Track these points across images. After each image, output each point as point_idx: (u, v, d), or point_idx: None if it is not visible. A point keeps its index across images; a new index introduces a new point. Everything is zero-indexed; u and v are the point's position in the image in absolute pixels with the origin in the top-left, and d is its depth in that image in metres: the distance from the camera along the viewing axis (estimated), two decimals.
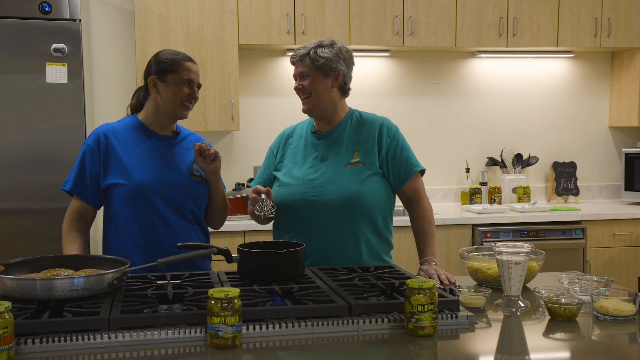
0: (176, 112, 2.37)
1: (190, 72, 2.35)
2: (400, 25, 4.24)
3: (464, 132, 4.79)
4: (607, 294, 1.92)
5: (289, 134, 2.58)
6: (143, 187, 2.30)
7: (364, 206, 2.38)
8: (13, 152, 3.54)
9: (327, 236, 2.37)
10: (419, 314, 1.66)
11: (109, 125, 2.39)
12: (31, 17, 3.53)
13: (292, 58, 2.46)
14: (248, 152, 4.52)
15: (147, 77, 2.38)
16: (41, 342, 1.55)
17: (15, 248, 3.47)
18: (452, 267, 4.02)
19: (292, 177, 2.45)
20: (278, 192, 2.44)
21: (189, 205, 2.38)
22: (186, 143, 2.46)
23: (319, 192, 2.38)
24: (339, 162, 2.42)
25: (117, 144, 2.34)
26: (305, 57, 2.42)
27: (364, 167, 2.41)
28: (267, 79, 4.52)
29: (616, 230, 4.25)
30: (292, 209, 2.41)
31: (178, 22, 4.01)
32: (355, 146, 2.44)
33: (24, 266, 1.95)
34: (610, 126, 4.98)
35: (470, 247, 2.52)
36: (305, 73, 2.42)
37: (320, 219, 2.37)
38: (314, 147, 2.48)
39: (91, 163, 2.33)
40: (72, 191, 2.36)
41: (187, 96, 2.35)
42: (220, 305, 1.56)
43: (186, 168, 2.40)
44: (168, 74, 2.33)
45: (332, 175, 2.40)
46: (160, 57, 2.37)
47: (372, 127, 2.47)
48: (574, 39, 4.47)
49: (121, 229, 2.33)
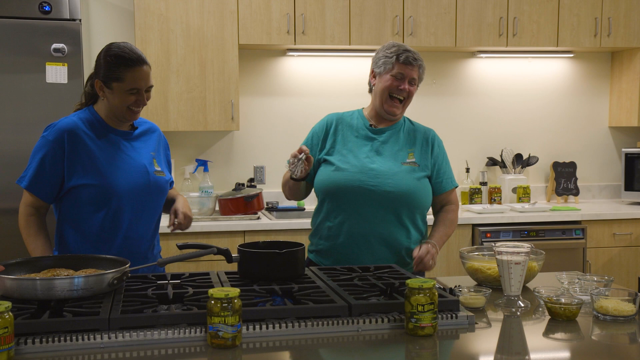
0: (124, 116, 2.33)
1: (137, 80, 2.25)
2: (400, 25, 4.24)
3: (464, 132, 4.79)
4: (607, 294, 1.92)
5: (338, 121, 2.60)
6: (112, 186, 2.27)
7: (417, 202, 2.49)
8: (13, 152, 3.54)
9: (380, 225, 2.45)
10: (419, 314, 1.66)
11: (72, 121, 2.31)
12: (31, 17, 3.53)
13: (410, 60, 2.49)
14: (248, 152, 4.52)
15: (95, 77, 2.30)
16: (41, 342, 1.55)
17: (15, 248, 3.46)
18: (452, 267, 4.02)
19: (349, 164, 2.48)
20: (334, 175, 2.48)
21: (153, 202, 2.38)
22: (144, 137, 2.44)
23: (377, 183, 2.44)
24: (396, 159, 2.51)
25: (81, 142, 2.28)
26: (421, 65, 2.52)
27: (419, 168, 2.52)
28: (267, 79, 4.52)
29: (616, 230, 4.25)
30: (348, 194, 2.45)
31: (178, 22, 4.01)
32: (410, 148, 2.55)
33: (24, 266, 1.95)
34: (610, 126, 4.98)
35: (470, 247, 2.52)
36: (415, 81, 2.52)
37: (375, 208, 2.44)
38: (368, 140, 2.54)
39: (52, 162, 2.27)
40: (28, 189, 2.32)
41: (134, 103, 2.28)
42: (220, 305, 1.56)
43: (148, 164, 2.38)
44: (113, 81, 2.25)
45: (391, 169, 2.48)
46: (107, 59, 2.26)
47: (426, 134, 2.61)
48: (574, 39, 4.46)
49: (82, 227, 2.30)
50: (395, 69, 2.49)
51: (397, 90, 2.49)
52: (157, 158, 2.45)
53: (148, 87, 2.31)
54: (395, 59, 2.49)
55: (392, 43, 2.56)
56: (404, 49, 2.51)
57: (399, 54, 2.49)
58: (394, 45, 2.54)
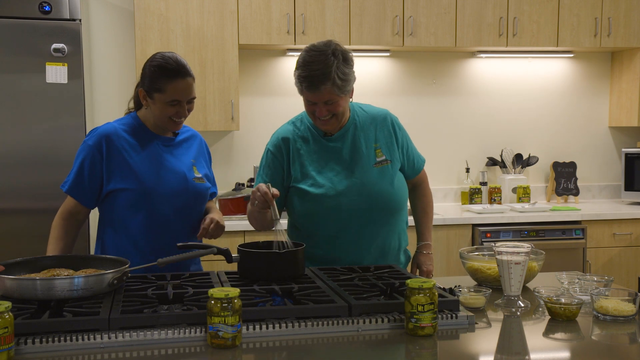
0: (165, 126, 2.35)
1: (178, 92, 2.25)
2: (400, 25, 4.24)
3: (464, 132, 4.79)
4: (607, 294, 1.92)
5: (292, 141, 2.37)
6: (150, 191, 2.29)
7: (397, 205, 2.38)
8: (13, 152, 3.54)
9: (374, 241, 2.36)
10: (419, 314, 1.66)
11: (111, 127, 2.35)
12: (31, 17, 3.53)
13: (310, 86, 2.17)
14: (248, 152, 4.52)
15: (139, 86, 2.34)
16: (41, 342, 1.55)
17: (15, 248, 3.47)
18: (452, 267, 4.02)
19: (320, 187, 2.31)
20: (310, 205, 2.31)
21: (192, 209, 2.39)
22: (185, 144, 2.46)
23: (357, 201, 2.30)
24: (365, 164, 2.34)
25: (120, 147, 2.31)
26: (330, 86, 2.17)
27: (391, 164, 2.38)
28: (267, 79, 4.52)
29: (616, 230, 4.25)
30: (330, 220, 2.31)
31: (178, 22, 4.01)
32: (375, 143, 2.38)
33: (24, 266, 1.95)
34: (610, 126, 4.98)
35: (470, 247, 2.52)
36: (331, 100, 2.20)
37: (365, 224, 2.32)
38: (330, 151, 2.35)
39: (91, 166, 2.30)
40: (69, 193, 2.35)
41: (174, 114, 2.30)
42: (220, 305, 1.56)
43: (188, 170, 2.40)
44: (154, 92, 2.27)
45: (364, 179, 2.32)
46: (151, 69, 2.27)
47: (384, 121, 2.41)
48: (574, 39, 4.46)
49: (121, 232, 2.33)
50: (304, 95, 2.24)
51: (316, 115, 2.26)
52: (197, 165, 2.44)
53: (190, 99, 2.30)
54: (299, 84, 2.22)
55: (301, 59, 2.20)
56: (304, 74, 2.17)
57: (301, 81, 2.20)
58: (300, 63, 2.21)
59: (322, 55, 2.18)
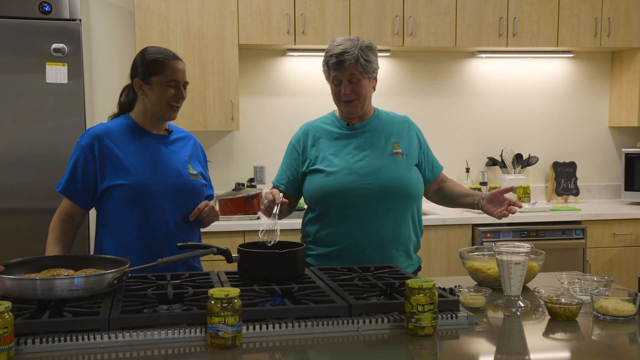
0: (164, 114, 2.37)
1: (175, 72, 2.33)
2: (400, 25, 4.24)
3: (464, 132, 4.79)
4: (607, 294, 1.92)
5: (314, 130, 2.55)
6: (145, 186, 2.30)
7: (413, 193, 2.48)
8: (13, 152, 3.54)
9: (384, 222, 2.42)
10: (419, 314, 1.66)
11: (104, 127, 2.37)
12: (31, 17, 3.53)
13: (337, 63, 2.40)
14: (248, 152, 4.52)
15: (133, 78, 2.37)
16: (41, 342, 1.55)
17: (15, 248, 3.47)
18: (452, 267, 4.02)
19: (336, 166, 2.44)
20: (325, 182, 2.43)
21: (187, 206, 2.39)
22: (179, 142, 2.47)
23: (371, 180, 2.41)
24: (382, 152, 2.47)
25: (112, 145, 2.32)
26: (354, 62, 2.39)
27: (407, 158, 2.50)
28: (267, 79, 4.52)
29: (616, 230, 4.25)
30: (343, 197, 2.41)
31: (178, 22, 4.01)
32: (394, 139, 2.51)
33: (24, 266, 1.95)
34: (610, 126, 4.98)
35: (470, 247, 2.52)
36: (354, 78, 2.42)
37: (377, 205, 2.41)
38: (349, 138, 2.50)
39: (84, 166, 2.31)
40: (63, 193, 2.36)
41: (173, 97, 2.33)
42: (220, 305, 1.56)
43: (182, 167, 2.41)
44: (152, 76, 2.31)
45: (379, 163, 2.44)
46: (145, 57, 2.34)
47: (405, 123, 2.59)
48: (574, 39, 4.46)
49: (117, 231, 2.33)
50: (331, 75, 2.45)
51: (341, 95, 2.45)
52: (192, 163, 2.46)
53: (185, 83, 2.37)
54: (327, 65, 2.45)
55: (330, 45, 2.46)
56: (332, 53, 2.41)
57: (328, 61, 2.43)
58: (328, 49, 2.46)
59: (348, 42, 2.43)
